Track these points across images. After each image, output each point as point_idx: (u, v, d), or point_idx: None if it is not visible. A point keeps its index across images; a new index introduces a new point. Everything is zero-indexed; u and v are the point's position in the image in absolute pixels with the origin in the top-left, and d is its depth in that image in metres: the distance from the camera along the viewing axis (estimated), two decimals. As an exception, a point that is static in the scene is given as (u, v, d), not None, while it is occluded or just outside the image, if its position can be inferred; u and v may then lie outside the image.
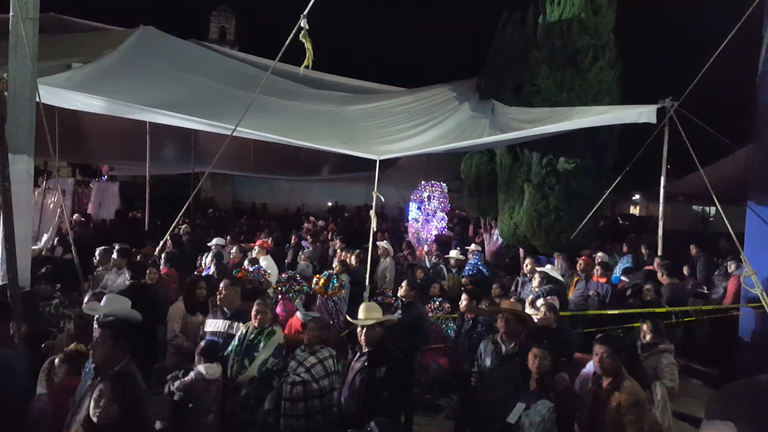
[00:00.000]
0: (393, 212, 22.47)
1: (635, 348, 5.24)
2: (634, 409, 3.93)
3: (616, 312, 7.37)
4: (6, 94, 5.31)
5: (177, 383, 4.67)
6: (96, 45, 9.21)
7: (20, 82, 5.49)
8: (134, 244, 9.73)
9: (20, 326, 4.35)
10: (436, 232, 14.40)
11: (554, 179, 10.04)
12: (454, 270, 10.22)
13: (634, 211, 32.41)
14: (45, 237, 10.96)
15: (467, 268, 10.26)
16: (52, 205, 11.24)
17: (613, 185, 9.70)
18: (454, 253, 10.64)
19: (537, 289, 7.48)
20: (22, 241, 5.11)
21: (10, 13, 5.46)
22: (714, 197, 7.02)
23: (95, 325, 4.24)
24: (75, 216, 13.89)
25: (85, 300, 5.56)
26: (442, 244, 13.51)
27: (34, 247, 7.60)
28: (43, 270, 6.70)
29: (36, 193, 10.93)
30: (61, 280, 6.61)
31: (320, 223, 18.25)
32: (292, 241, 12.76)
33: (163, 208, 15.70)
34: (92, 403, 3.32)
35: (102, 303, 5.14)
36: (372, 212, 8.06)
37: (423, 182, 14.80)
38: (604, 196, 9.76)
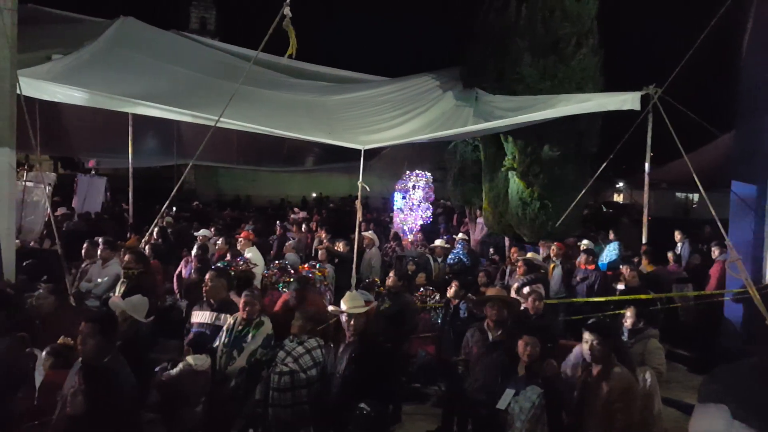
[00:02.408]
0: (377, 202, 22.48)
1: (620, 334, 5.29)
2: (624, 396, 3.95)
3: (602, 299, 7.44)
4: (-15, 86, 5.20)
5: (165, 375, 4.64)
6: (76, 36, 9.04)
7: (0, 74, 5.37)
8: (118, 237, 9.63)
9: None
10: (422, 222, 14.43)
11: (538, 167, 10.07)
12: (439, 259, 10.25)
13: (618, 198, 32.74)
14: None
15: (450, 257, 10.30)
16: (35, 198, 11.04)
17: (598, 173, 9.77)
18: (439, 242, 10.67)
19: (522, 278, 7.54)
20: (5, 234, 5.03)
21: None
22: (698, 184, 7.08)
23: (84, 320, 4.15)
24: (59, 209, 13.72)
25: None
26: (428, 233, 13.55)
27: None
28: (24, 264, 6.58)
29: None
30: (47, 272, 6.52)
31: (300, 214, 18.19)
32: (277, 233, 12.71)
33: (146, 201, 15.56)
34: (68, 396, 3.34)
35: (128, 301, 5.02)
36: (357, 202, 8.07)
37: (407, 172, 14.81)
38: (589, 184, 9.82)
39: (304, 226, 13.91)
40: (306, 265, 7.72)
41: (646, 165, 9.37)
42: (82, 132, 13.30)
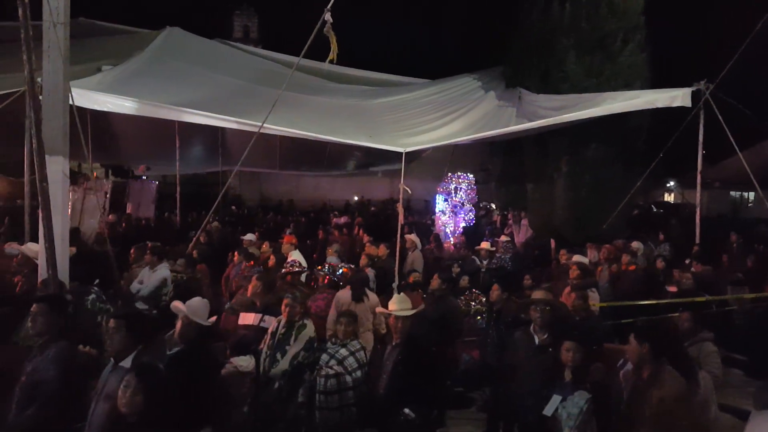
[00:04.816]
0: (418, 205, 22.41)
1: (678, 336, 5.07)
2: (677, 401, 3.79)
3: (654, 303, 7.20)
4: (41, 97, 5.41)
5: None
6: (124, 47, 9.37)
7: (54, 85, 5.58)
8: (167, 242, 9.84)
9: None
10: (464, 225, 14.28)
11: (584, 168, 9.86)
12: (485, 261, 10.11)
13: (669, 198, 31.68)
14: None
15: (494, 260, 10.14)
16: (92, 204, 11.42)
17: (647, 172, 9.48)
18: (485, 245, 10.53)
19: (573, 281, 7.36)
20: (59, 239, 5.22)
21: (43, 19, 5.55)
22: (755, 182, 6.80)
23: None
24: (110, 216, 14.14)
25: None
26: (470, 236, 13.39)
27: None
28: (76, 268, 6.80)
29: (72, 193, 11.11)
30: (99, 276, 6.72)
31: (342, 219, 18.24)
32: (320, 237, 12.80)
33: (192, 207, 15.91)
34: (120, 394, 3.37)
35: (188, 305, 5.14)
36: (399, 205, 8.07)
37: (449, 174, 14.69)
38: (638, 185, 9.54)
39: (345, 230, 13.97)
40: (346, 267, 7.77)
41: (699, 163, 9.04)
42: (131, 140, 13.71)
